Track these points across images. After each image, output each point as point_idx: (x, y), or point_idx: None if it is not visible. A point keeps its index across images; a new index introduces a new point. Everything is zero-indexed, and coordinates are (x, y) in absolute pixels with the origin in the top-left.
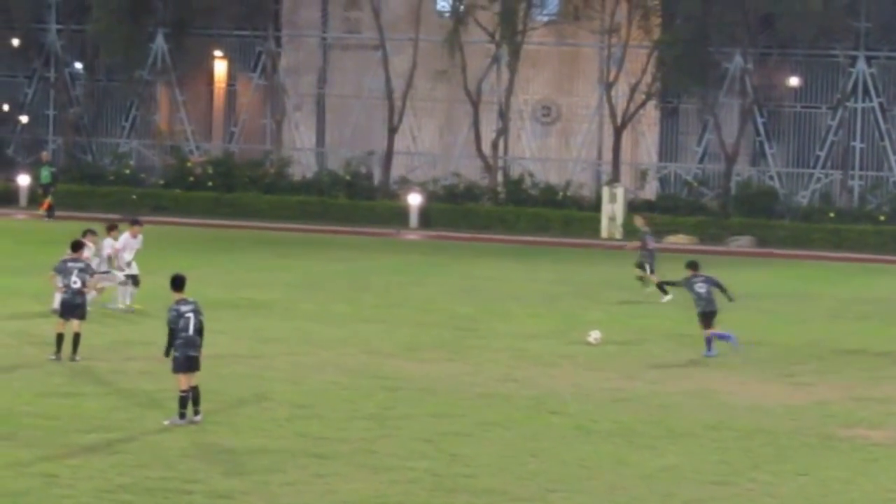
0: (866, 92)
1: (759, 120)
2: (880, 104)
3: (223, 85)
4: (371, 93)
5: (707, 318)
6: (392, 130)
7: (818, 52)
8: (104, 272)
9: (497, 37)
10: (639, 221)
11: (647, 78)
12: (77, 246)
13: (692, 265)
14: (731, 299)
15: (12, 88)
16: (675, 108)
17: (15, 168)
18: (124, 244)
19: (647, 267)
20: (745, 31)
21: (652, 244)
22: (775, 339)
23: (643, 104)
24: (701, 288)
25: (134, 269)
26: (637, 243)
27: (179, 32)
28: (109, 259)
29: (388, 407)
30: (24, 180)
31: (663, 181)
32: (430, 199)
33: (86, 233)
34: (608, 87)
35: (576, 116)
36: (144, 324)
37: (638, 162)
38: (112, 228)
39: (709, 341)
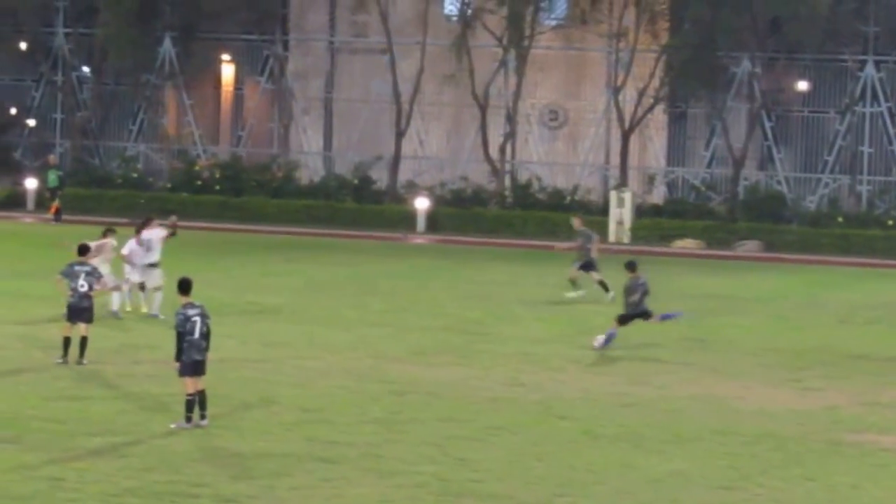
0: (875, 96)
1: (767, 124)
2: (889, 109)
3: (231, 89)
4: (379, 97)
5: (636, 318)
6: (399, 134)
7: (826, 56)
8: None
9: (504, 41)
10: (576, 223)
11: (655, 82)
12: (83, 249)
13: (632, 266)
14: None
15: (20, 92)
16: (682, 112)
17: (22, 172)
18: (130, 250)
19: (577, 265)
20: (753, 35)
21: (587, 244)
22: (783, 344)
23: (651, 108)
24: (642, 289)
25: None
26: (573, 244)
27: (187, 36)
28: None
29: (396, 411)
30: (31, 184)
31: (671, 185)
32: (437, 204)
33: (106, 231)
34: (616, 91)
35: (583, 121)
36: (151, 327)
37: (646, 166)
38: (149, 221)
39: (666, 316)
